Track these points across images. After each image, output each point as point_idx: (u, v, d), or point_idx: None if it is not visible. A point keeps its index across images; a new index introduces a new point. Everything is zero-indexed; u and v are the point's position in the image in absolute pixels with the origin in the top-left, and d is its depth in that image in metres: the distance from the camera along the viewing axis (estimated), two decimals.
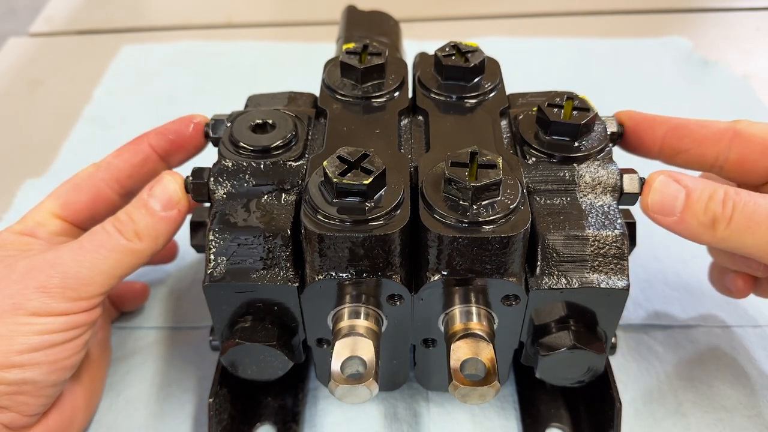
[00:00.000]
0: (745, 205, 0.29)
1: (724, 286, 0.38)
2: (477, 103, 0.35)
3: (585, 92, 0.34)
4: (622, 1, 0.81)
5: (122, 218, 0.32)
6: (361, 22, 0.47)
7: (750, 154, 0.33)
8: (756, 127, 0.33)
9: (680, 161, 0.35)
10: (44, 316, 0.29)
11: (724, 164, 0.34)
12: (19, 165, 0.58)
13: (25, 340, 0.29)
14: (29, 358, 0.29)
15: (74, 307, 0.30)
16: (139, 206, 0.32)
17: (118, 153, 0.36)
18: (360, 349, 0.28)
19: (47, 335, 0.30)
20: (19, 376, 0.29)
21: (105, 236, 0.31)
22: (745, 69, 0.68)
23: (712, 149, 0.34)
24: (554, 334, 0.31)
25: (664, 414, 0.37)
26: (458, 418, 0.37)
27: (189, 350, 0.41)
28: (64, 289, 0.30)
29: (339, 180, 0.28)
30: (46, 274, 0.30)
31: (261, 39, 0.76)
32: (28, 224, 0.34)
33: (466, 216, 0.28)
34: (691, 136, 0.34)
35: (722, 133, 0.33)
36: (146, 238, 0.31)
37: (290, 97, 0.38)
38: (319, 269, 0.29)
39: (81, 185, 0.35)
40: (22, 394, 0.30)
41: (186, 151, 0.37)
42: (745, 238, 0.29)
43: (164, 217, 0.32)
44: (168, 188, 0.32)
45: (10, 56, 0.74)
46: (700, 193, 0.30)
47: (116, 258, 0.31)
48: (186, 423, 0.37)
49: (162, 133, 0.36)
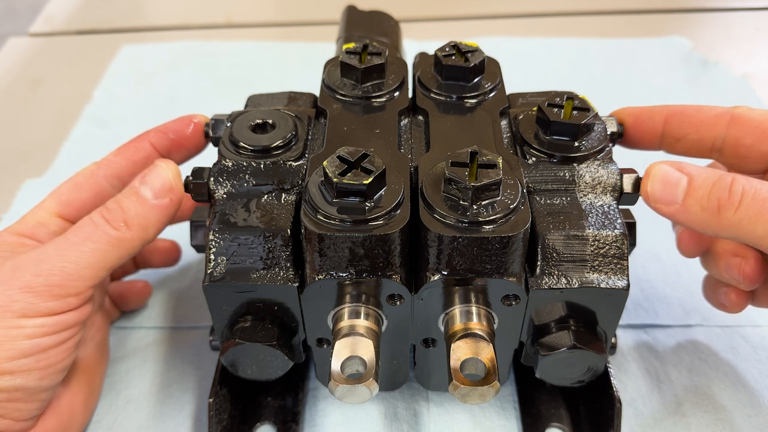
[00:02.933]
0: (756, 192, 0.28)
1: (719, 300, 0.37)
2: (477, 103, 0.35)
3: (585, 92, 0.34)
4: (622, 1, 0.81)
5: (111, 206, 0.31)
6: (361, 22, 0.47)
7: (746, 138, 0.33)
8: (755, 113, 0.33)
9: (681, 148, 0.35)
10: (32, 317, 0.28)
11: (723, 149, 0.34)
12: (19, 165, 0.58)
13: (14, 345, 0.28)
14: (20, 365, 0.28)
15: (63, 305, 0.29)
16: (129, 194, 0.31)
17: (119, 151, 0.36)
18: (360, 349, 0.28)
19: (38, 339, 0.29)
20: (10, 383, 0.28)
21: (91, 227, 0.30)
22: (744, 69, 0.68)
23: (710, 134, 0.34)
24: (554, 334, 0.31)
25: (664, 414, 0.37)
26: (458, 418, 0.37)
27: (189, 350, 0.41)
28: (50, 287, 0.29)
29: (339, 180, 0.28)
30: (31, 273, 0.29)
31: (261, 39, 0.76)
32: (28, 224, 0.33)
33: (466, 216, 0.28)
34: (689, 121, 0.34)
35: (720, 117, 0.33)
36: (135, 227, 0.31)
37: (290, 97, 0.38)
38: (319, 269, 0.29)
39: (82, 183, 0.35)
40: (14, 401, 0.29)
41: (186, 150, 0.36)
42: (755, 226, 0.28)
43: (155, 206, 0.31)
44: (162, 175, 0.31)
45: (10, 56, 0.74)
46: (704, 179, 0.29)
47: (103, 249, 0.30)
48: (186, 423, 0.37)
49: (162, 131, 0.36)
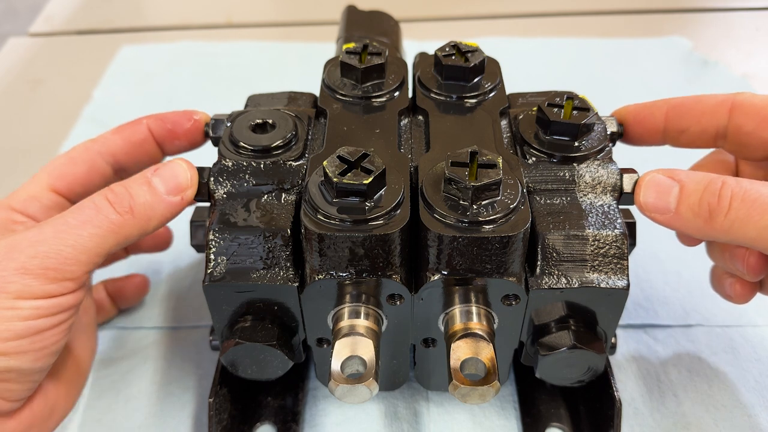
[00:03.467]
0: (745, 194, 0.28)
1: (725, 291, 0.37)
2: (477, 103, 0.35)
3: (585, 92, 0.34)
4: (622, 1, 0.81)
5: (117, 190, 0.30)
6: (361, 22, 0.47)
7: (747, 125, 0.33)
8: (756, 99, 0.33)
9: (685, 140, 0.35)
10: (27, 299, 0.28)
11: (726, 137, 0.33)
12: (19, 165, 0.58)
13: (10, 326, 0.28)
14: (15, 346, 0.28)
15: (59, 288, 0.29)
16: (141, 182, 0.31)
17: (116, 130, 0.36)
18: (360, 348, 0.28)
19: (33, 321, 0.28)
20: (4, 364, 0.28)
21: (93, 211, 0.30)
22: (744, 69, 0.68)
23: (712, 123, 0.34)
24: (554, 334, 0.31)
25: (664, 414, 0.37)
26: (458, 417, 0.37)
27: (189, 350, 0.41)
28: (46, 270, 0.28)
29: (339, 180, 0.28)
30: (27, 254, 0.28)
31: (261, 39, 0.76)
32: (20, 198, 0.33)
33: (466, 216, 0.28)
34: (690, 113, 0.34)
35: (720, 105, 0.33)
36: (139, 216, 0.30)
37: (290, 97, 0.38)
38: (319, 269, 0.29)
39: (76, 158, 0.34)
40: (7, 381, 0.29)
41: (179, 143, 0.36)
42: (747, 228, 0.28)
43: (165, 200, 0.31)
44: (178, 174, 0.31)
45: (10, 56, 0.74)
46: (695, 185, 0.29)
47: (102, 235, 0.29)
48: (186, 422, 0.37)
49: (161, 119, 0.36)
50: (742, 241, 0.29)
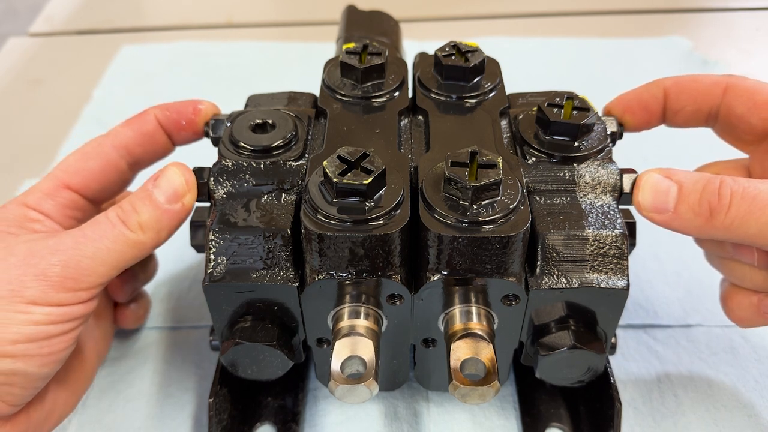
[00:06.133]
0: (744, 191, 0.28)
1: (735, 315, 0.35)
2: (477, 103, 0.35)
3: (585, 92, 0.34)
4: (622, 1, 0.81)
5: (126, 208, 0.31)
6: (361, 22, 0.47)
7: (738, 107, 0.33)
8: (747, 82, 0.33)
9: (680, 120, 0.35)
10: (42, 305, 0.28)
11: (718, 118, 0.34)
12: (19, 165, 0.58)
13: (19, 330, 0.28)
14: (22, 349, 0.28)
15: (73, 297, 0.29)
16: (143, 197, 0.31)
17: (126, 123, 0.36)
18: (360, 348, 0.28)
19: (43, 326, 0.29)
20: (10, 366, 0.28)
21: (108, 226, 0.30)
22: (745, 69, 0.68)
23: (706, 103, 0.34)
24: (554, 334, 0.31)
25: (664, 414, 0.37)
26: (458, 417, 0.37)
27: (189, 350, 0.41)
28: (64, 279, 0.29)
29: (339, 180, 0.28)
30: (47, 262, 0.29)
31: (261, 39, 0.76)
32: (35, 195, 0.33)
33: (466, 216, 0.28)
34: (686, 92, 0.34)
35: (715, 86, 0.34)
36: (149, 231, 0.31)
37: (290, 97, 0.38)
38: (319, 269, 0.29)
39: (90, 153, 0.34)
40: (11, 384, 0.29)
41: (187, 133, 0.36)
42: (748, 225, 0.28)
43: (168, 210, 0.31)
44: (173, 181, 0.31)
45: (10, 56, 0.74)
46: (694, 184, 0.29)
47: (119, 249, 0.30)
48: (186, 423, 0.37)
49: (167, 109, 0.36)
50: (743, 239, 0.29)
